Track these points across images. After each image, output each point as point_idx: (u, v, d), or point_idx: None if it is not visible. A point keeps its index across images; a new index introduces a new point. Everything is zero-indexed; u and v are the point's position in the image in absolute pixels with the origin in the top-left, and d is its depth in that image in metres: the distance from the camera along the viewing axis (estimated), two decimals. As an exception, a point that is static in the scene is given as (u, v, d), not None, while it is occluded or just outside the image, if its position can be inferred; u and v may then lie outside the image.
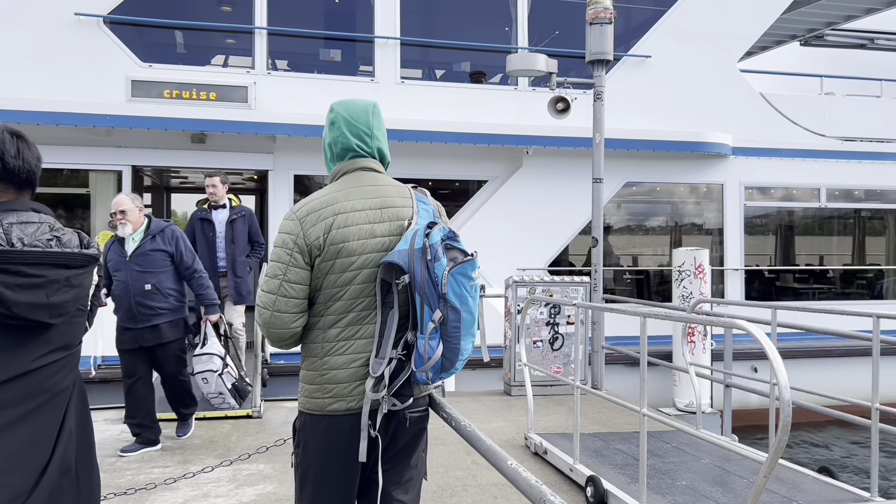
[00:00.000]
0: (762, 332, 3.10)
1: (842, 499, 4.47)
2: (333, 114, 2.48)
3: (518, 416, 6.95)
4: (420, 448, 2.48)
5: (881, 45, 14.76)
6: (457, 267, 2.21)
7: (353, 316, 2.31)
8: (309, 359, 2.38)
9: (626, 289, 11.28)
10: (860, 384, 8.05)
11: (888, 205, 11.75)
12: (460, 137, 9.74)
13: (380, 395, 2.27)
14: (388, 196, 2.40)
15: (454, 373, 2.33)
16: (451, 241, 2.26)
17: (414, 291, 2.23)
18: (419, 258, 2.21)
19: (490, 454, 1.88)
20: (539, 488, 1.55)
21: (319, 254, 2.29)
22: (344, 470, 2.34)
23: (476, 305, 2.27)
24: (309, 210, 2.33)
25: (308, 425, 2.37)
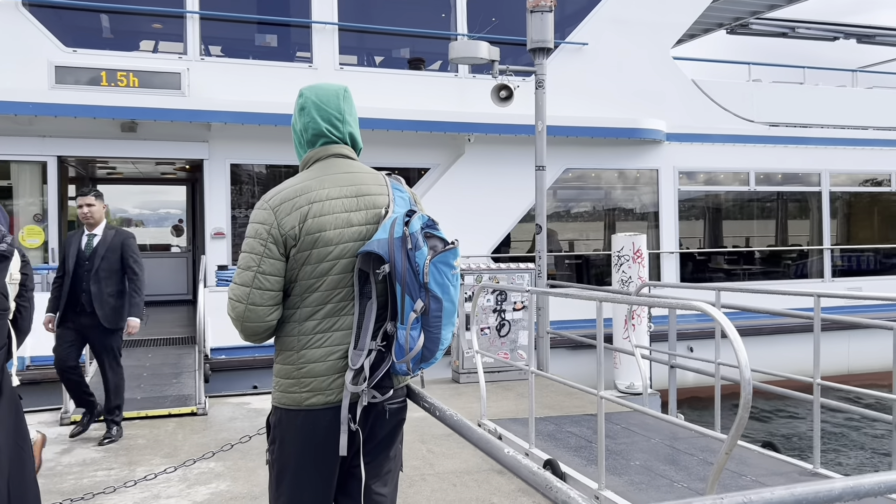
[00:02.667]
0: (721, 314, 3.18)
1: (786, 471, 4.66)
2: (303, 98, 2.40)
3: (469, 404, 6.96)
4: (398, 440, 2.44)
5: (802, 33, 15.37)
6: (438, 255, 2.17)
7: (331, 307, 2.25)
8: (284, 352, 2.30)
9: (566, 274, 11.45)
10: (794, 360, 8.42)
11: (811, 188, 12.27)
12: (401, 125, 9.66)
13: (360, 388, 2.21)
14: (364, 184, 2.34)
15: (433, 363, 2.30)
16: (430, 230, 2.22)
17: (394, 281, 2.18)
18: (399, 247, 2.16)
19: (483, 443, 1.85)
20: (543, 475, 1.54)
21: (295, 244, 2.21)
22: (323, 465, 2.28)
23: (457, 294, 2.23)
24: (283, 199, 2.24)
25: (284, 421, 2.30)
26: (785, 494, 1.46)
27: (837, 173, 12.33)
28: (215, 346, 8.55)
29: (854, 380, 10.38)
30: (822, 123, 12.34)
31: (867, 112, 12.73)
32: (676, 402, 7.34)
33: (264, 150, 9.59)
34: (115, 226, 6.04)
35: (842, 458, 8.38)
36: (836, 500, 1.51)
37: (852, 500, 1.53)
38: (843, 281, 12.17)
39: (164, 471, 3.80)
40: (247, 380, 8.45)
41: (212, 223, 9.48)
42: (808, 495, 1.48)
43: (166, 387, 7.15)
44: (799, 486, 1.48)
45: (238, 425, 6.20)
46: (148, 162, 10.94)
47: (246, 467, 5.03)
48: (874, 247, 12.74)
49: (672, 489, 4.35)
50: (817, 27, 15.48)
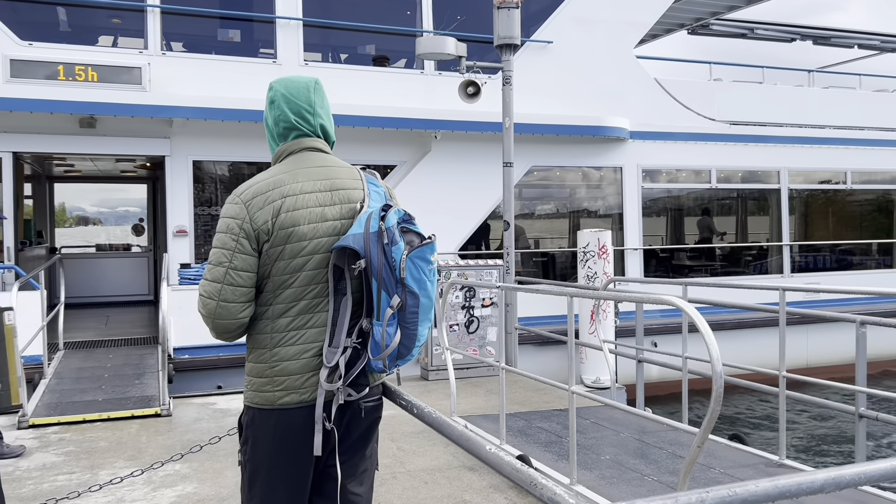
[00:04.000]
0: (693, 308, 3.20)
1: (753, 463, 4.74)
2: (272, 92, 2.35)
3: (438, 401, 6.94)
4: (374, 439, 2.40)
5: (760, 34, 15.66)
6: (415, 251, 2.14)
7: (305, 304, 2.20)
8: (256, 350, 2.25)
9: (532, 271, 11.49)
10: (757, 354, 8.57)
11: (771, 185, 12.51)
12: (367, 121, 9.59)
13: (335, 386, 2.17)
14: (338, 178, 2.30)
15: (410, 360, 2.27)
16: (407, 224, 2.19)
17: (370, 277, 2.14)
18: (375, 242, 2.13)
19: (464, 440, 1.83)
20: (527, 472, 1.52)
21: (268, 239, 2.17)
22: (297, 465, 2.24)
23: (434, 290, 2.21)
24: (255, 192, 2.19)
25: (257, 420, 2.24)
26: (769, 487, 1.46)
27: (796, 171, 12.59)
28: (179, 345, 8.38)
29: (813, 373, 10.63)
30: (780, 122, 12.58)
31: (823, 112, 13.02)
32: (631, 395, 7.42)
33: (228, 146, 9.44)
34: None
35: (805, 449, 8.57)
36: (819, 491, 1.52)
37: (833, 490, 1.54)
38: (802, 277, 12.43)
39: (130, 474, 3.70)
40: (211, 380, 8.30)
41: (174, 221, 9.29)
42: (791, 487, 1.48)
43: (128, 388, 6.99)
44: (782, 479, 1.49)
45: (204, 426, 6.08)
46: (107, 159, 10.69)
47: (213, 469, 4.94)
48: (832, 243, 13.05)
49: (643, 483, 4.38)
50: (775, 28, 15.79)
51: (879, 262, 13.43)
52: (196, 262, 9.22)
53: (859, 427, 4.43)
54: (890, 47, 17.28)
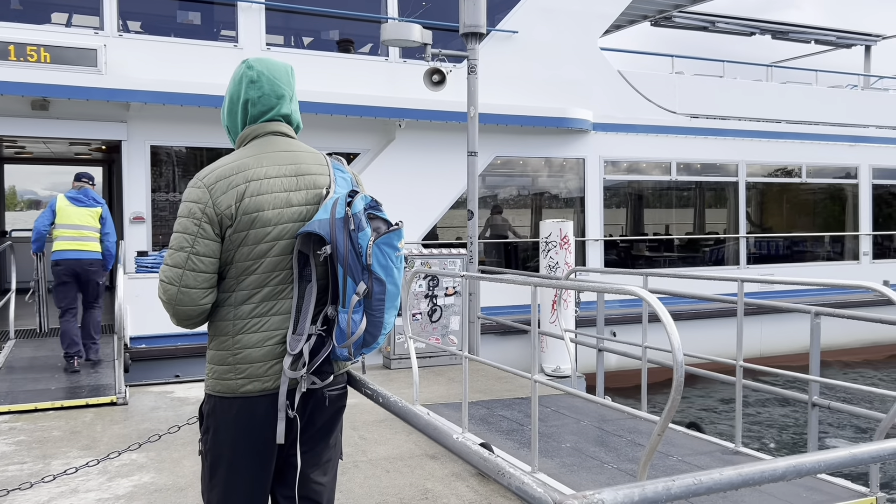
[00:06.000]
0: (655, 298, 3.23)
1: (710, 450, 4.83)
2: (254, 71, 2.28)
3: (401, 390, 6.92)
4: (338, 428, 2.38)
5: (721, 28, 15.89)
6: (382, 237, 2.12)
7: (268, 290, 2.16)
8: (218, 338, 2.20)
9: (495, 260, 11.53)
10: (714, 343, 8.74)
11: (729, 177, 12.73)
12: (330, 108, 9.47)
13: (298, 374, 2.14)
14: (304, 163, 2.26)
15: (376, 348, 2.25)
16: (374, 211, 2.16)
17: (336, 263, 2.11)
18: (341, 228, 2.10)
19: (430, 429, 1.82)
20: (495, 461, 1.52)
21: (231, 224, 2.12)
22: (259, 454, 2.20)
23: (401, 277, 2.19)
24: (218, 176, 2.14)
25: (218, 409, 2.20)
26: (733, 475, 1.48)
27: (753, 164, 12.84)
28: (135, 334, 8.22)
29: (767, 362, 10.89)
30: (739, 116, 12.80)
31: (781, 106, 13.28)
32: (589, 384, 7.51)
33: (187, 131, 9.23)
34: None
35: (760, 437, 8.77)
36: (780, 478, 1.55)
37: (794, 477, 1.57)
38: (758, 267, 12.70)
39: (85, 464, 3.61)
40: (169, 369, 8.16)
41: (131, 207, 9.08)
42: (753, 475, 1.51)
43: (83, 377, 6.82)
44: (745, 467, 1.51)
45: (161, 415, 5.98)
46: (61, 142, 10.39)
47: (171, 458, 4.86)
48: (787, 235, 13.35)
49: (602, 470, 4.43)
50: (736, 22, 16.03)
51: (832, 252, 13.80)
52: (153, 250, 9.03)
53: (812, 415, 4.54)
54: (845, 43, 17.70)
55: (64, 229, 6.98)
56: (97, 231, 7.08)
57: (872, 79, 16.68)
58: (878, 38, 17.67)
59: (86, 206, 7.08)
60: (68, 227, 6.98)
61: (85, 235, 7.01)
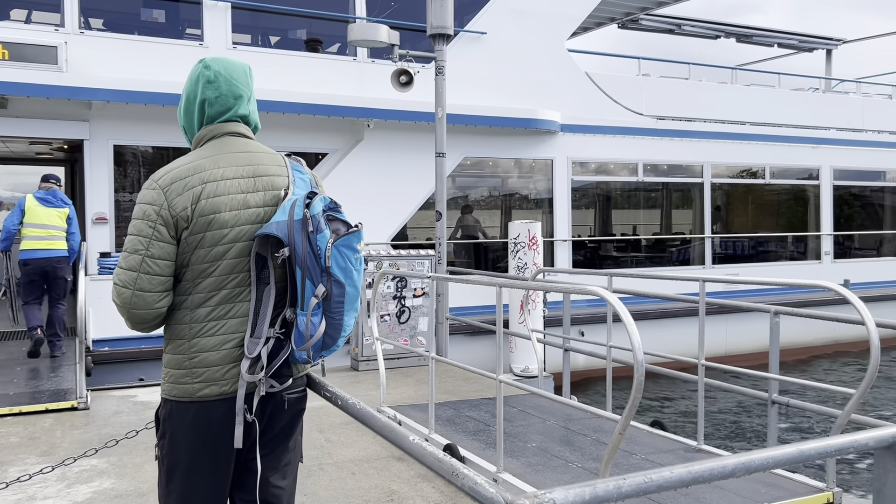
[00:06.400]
0: (616, 299, 3.27)
1: (673, 448, 4.89)
2: (211, 71, 2.25)
3: (368, 391, 6.90)
4: (298, 431, 2.36)
5: (687, 31, 16.11)
6: (341, 239, 2.11)
7: (226, 293, 2.14)
8: (175, 341, 2.17)
9: (464, 261, 11.55)
10: (679, 342, 8.86)
11: (695, 178, 12.91)
12: (298, 108, 9.41)
13: (256, 378, 2.13)
14: (262, 164, 2.24)
15: (335, 350, 2.24)
16: (333, 212, 2.15)
17: (294, 265, 2.10)
18: (300, 230, 2.09)
19: (387, 431, 1.81)
20: (449, 462, 1.52)
21: (187, 226, 2.09)
22: (217, 459, 2.18)
23: (361, 279, 2.18)
24: (173, 178, 2.11)
25: (175, 414, 2.17)
26: (683, 473, 1.50)
27: (718, 165, 13.03)
28: (98, 337, 8.08)
29: (732, 360, 11.05)
30: (704, 118, 12.99)
31: (745, 108, 13.50)
32: (557, 383, 7.57)
33: (151, 130, 9.10)
34: None
35: (725, 434, 8.91)
36: (730, 475, 1.57)
37: (743, 474, 1.60)
38: (723, 267, 12.90)
39: (40, 471, 3.53)
40: (133, 372, 8.03)
41: (93, 208, 8.93)
42: (703, 472, 1.53)
43: (43, 381, 6.68)
44: (695, 465, 1.53)
45: (124, 419, 5.88)
46: (20, 141, 10.17)
47: (132, 463, 4.78)
48: (751, 235, 13.57)
49: (567, 469, 4.46)
50: (701, 25, 16.27)
51: (795, 252, 14.06)
52: (117, 251, 8.89)
53: (772, 412, 4.62)
54: (807, 47, 18.06)
55: (32, 228, 7.24)
56: (64, 231, 7.40)
57: (833, 82, 17.04)
58: (839, 42, 18.06)
59: (54, 206, 7.40)
60: (37, 226, 7.28)
61: (53, 235, 7.32)
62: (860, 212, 14.87)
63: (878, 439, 1.75)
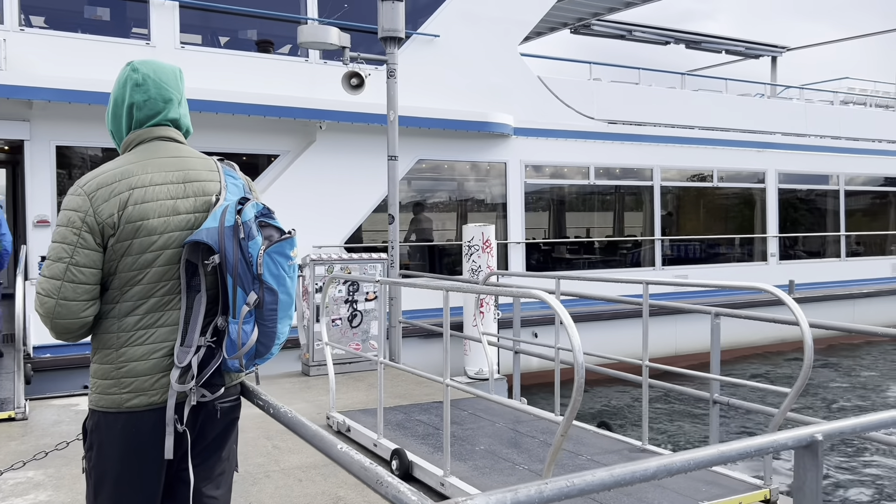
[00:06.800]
0: (557, 301, 3.30)
1: (618, 448, 4.96)
2: (139, 74, 2.21)
3: (318, 396, 6.86)
4: (232, 440, 2.33)
5: (638, 36, 16.39)
6: (273, 245, 2.09)
7: (155, 301, 2.10)
8: (102, 351, 2.13)
9: (420, 264, 11.54)
10: (630, 343, 8.98)
11: (645, 182, 13.13)
12: (248, 109, 9.29)
13: (187, 387, 2.09)
14: (193, 169, 2.20)
15: (269, 358, 2.22)
16: (265, 218, 2.13)
17: (225, 272, 2.07)
18: (230, 236, 2.06)
19: (317, 439, 1.80)
20: (374, 470, 1.52)
21: (113, 233, 2.05)
22: (147, 471, 2.14)
23: (294, 286, 2.16)
24: (99, 184, 2.07)
25: (103, 425, 2.12)
26: (605, 476, 1.52)
27: (668, 169, 13.28)
28: (39, 344, 7.85)
29: (682, 360, 11.27)
30: (654, 122, 13.21)
31: (693, 112, 13.79)
32: (522, 386, 7.62)
33: (96, 131, 8.87)
34: None
35: (672, 434, 9.07)
36: (651, 477, 1.60)
37: (665, 476, 1.62)
38: (673, 269, 13.14)
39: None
40: (76, 379, 7.81)
41: (34, 210, 8.68)
42: (625, 475, 1.55)
43: (-21, 391, 6.47)
44: (617, 468, 1.55)
45: (64, 429, 5.72)
46: (-43, 141, 9.83)
47: (70, 475, 4.66)
48: (698, 238, 13.85)
49: (514, 471, 4.49)
50: (652, 32, 16.57)
51: (742, 254, 14.40)
52: (60, 254, 8.64)
53: (713, 412, 4.73)
54: (753, 53, 18.53)
55: None
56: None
57: (779, 88, 17.52)
58: (784, 49, 18.59)
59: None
60: None
61: None
62: (805, 214, 15.31)
63: (797, 439, 1.80)
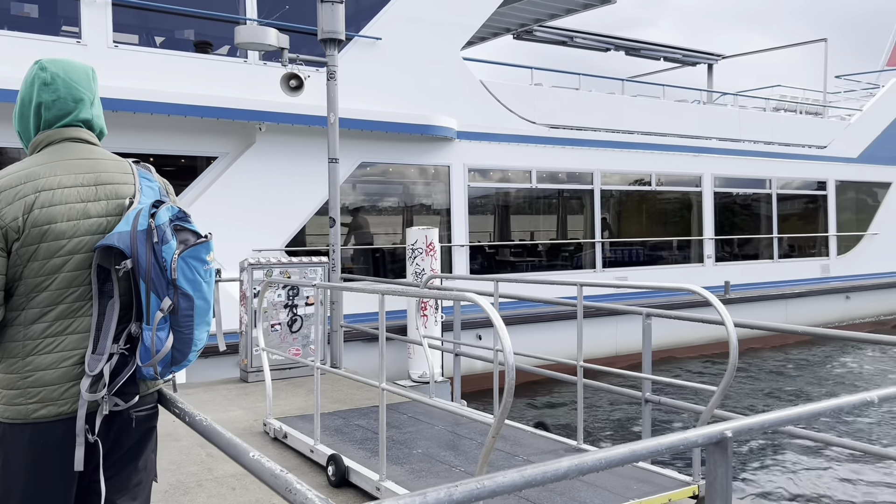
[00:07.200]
0: (488, 303, 3.32)
1: (554, 448, 5.01)
2: (48, 73, 2.14)
3: (256, 403, 6.75)
4: (149, 449, 2.27)
5: (579, 43, 16.66)
6: (188, 250, 2.05)
7: (64, 308, 2.03)
8: (7, 360, 2.05)
9: (363, 267, 11.49)
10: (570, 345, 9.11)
11: (586, 186, 13.34)
12: (184, 109, 9.11)
13: (98, 396, 2.03)
14: (105, 171, 2.14)
15: (186, 365, 2.17)
16: (181, 222, 2.08)
17: (138, 278, 2.02)
18: (143, 240, 2.01)
19: (230, 447, 1.77)
20: (284, 477, 1.50)
21: (18, 238, 1.97)
22: (56, 484, 2.06)
23: (211, 291, 2.12)
24: (4, 186, 1.99)
25: (9, 437, 2.04)
26: (516, 477, 1.53)
27: (608, 173, 13.52)
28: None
29: (622, 360, 11.48)
30: (594, 127, 13.44)
31: (633, 118, 14.08)
32: (469, 389, 7.65)
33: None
34: None
35: (607, 432, 9.23)
36: (563, 477, 1.62)
37: (576, 476, 1.64)
38: (613, 271, 13.38)
39: None
40: None
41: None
42: (536, 476, 1.56)
43: None
44: (529, 469, 1.56)
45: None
46: None
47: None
48: (638, 240, 14.14)
49: (450, 474, 4.50)
50: (593, 38, 16.86)
51: (681, 256, 14.75)
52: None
53: (645, 411, 4.82)
54: (691, 61, 19.03)
55: None
56: None
57: (714, 95, 18.03)
58: (720, 57, 19.15)
59: None
60: None
61: None
62: (740, 217, 15.78)
63: (707, 436, 1.84)
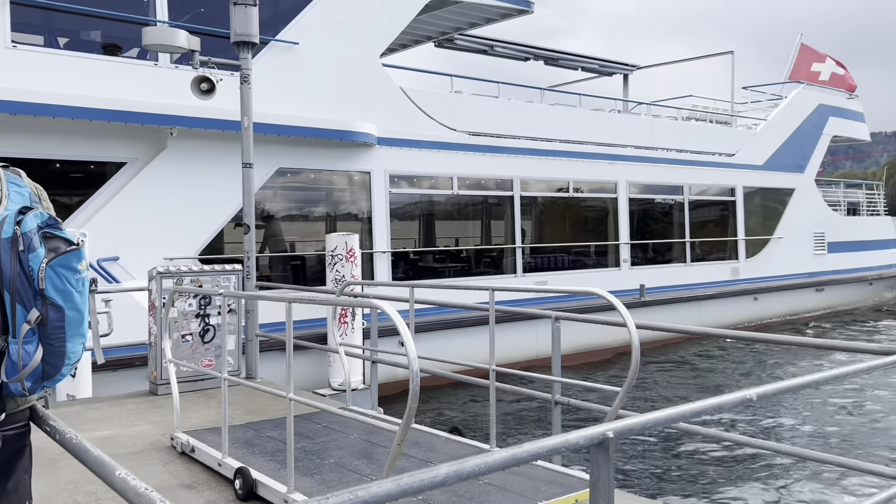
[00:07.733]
0: (393, 309, 3.30)
1: (468, 453, 5.03)
2: None
3: (164, 417, 6.51)
4: (20, 470, 2.14)
5: (499, 52, 16.88)
6: (58, 258, 1.95)
7: (-80, 321, 1.90)
8: None
9: (282, 275, 11.28)
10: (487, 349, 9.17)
11: (506, 192, 13.50)
12: (90, 113, 8.75)
13: (-40, 414, 1.91)
14: (-33, 176, 2.02)
15: (60, 380, 2.06)
16: (51, 230, 1.98)
17: (2, 288, 1.91)
18: (7, 249, 1.90)
19: (97, 466, 1.69)
20: (148, 496, 1.44)
21: None
22: (-87, 509, 1.93)
23: (85, 301, 2.02)
24: None
25: None
26: (391, 486, 1.52)
27: (527, 179, 13.72)
28: None
29: (541, 364, 11.62)
30: (514, 135, 13.62)
31: (551, 126, 14.34)
32: (393, 396, 7.60)
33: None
34: None
35: (520, 435, 9.33)
36: (441, 484, 1.61)
37: (455, 482, 1.64)
38: (534, 276, 13.57)
39: None
40: None
41: None
42: (413, 484, 1.55)
43: None
44: (405, 477, 1.55)
45: None
46: None
47: None
48: (558, 245, 14.40)
49: (361, 483, 4.44)
50: (512, 48, 17.11)
51: (599, 261, 15.10)
52: None
53: (555, 412, 4.90)
54: (607, 71, 19.56)
55: None
56: None
57: (630, 104, 18.58)
58: (635, 67, 19.75)
59: None
60: None
61: None
62: (654, 223, 16.29)
63: (589, 438, 1.87)
